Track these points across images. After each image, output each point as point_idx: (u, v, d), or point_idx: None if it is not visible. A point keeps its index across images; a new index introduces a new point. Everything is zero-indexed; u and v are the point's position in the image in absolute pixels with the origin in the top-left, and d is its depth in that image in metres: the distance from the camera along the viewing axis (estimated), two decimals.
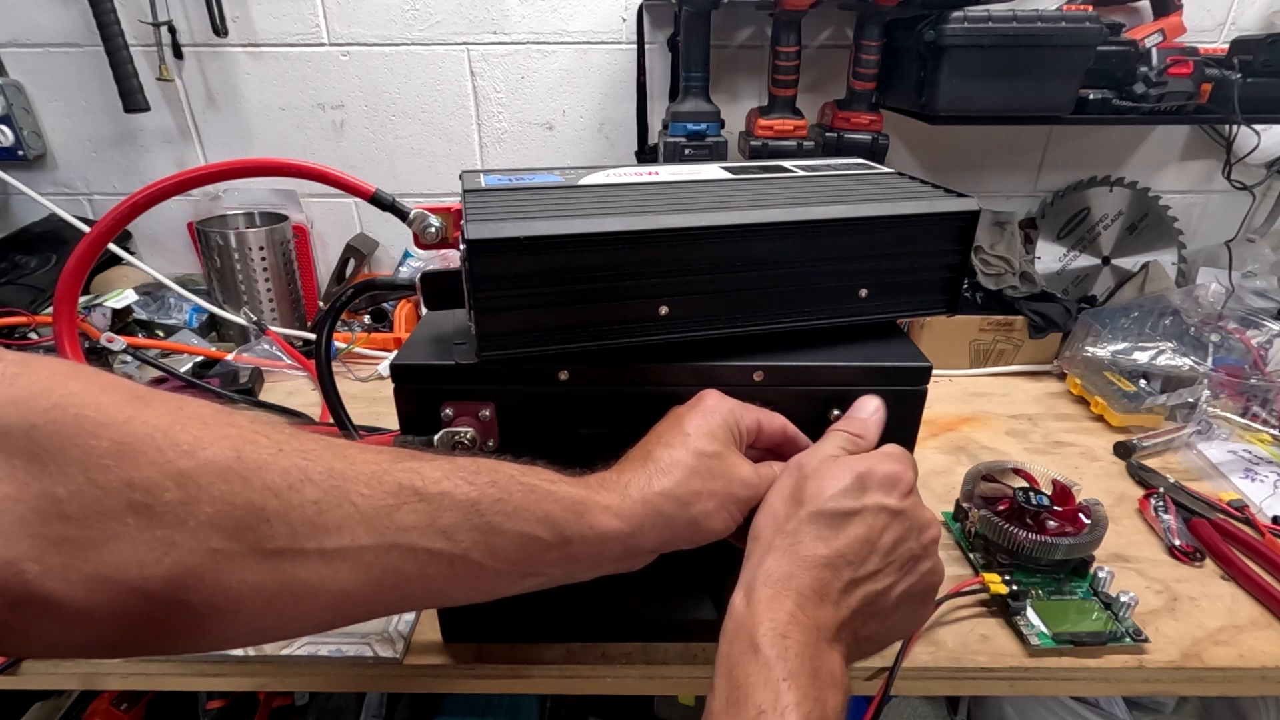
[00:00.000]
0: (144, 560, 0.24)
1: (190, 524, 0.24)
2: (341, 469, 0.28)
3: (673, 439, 0.36)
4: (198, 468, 0.25)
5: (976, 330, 0.89)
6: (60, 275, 0.41)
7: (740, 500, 0.36)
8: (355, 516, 0.28)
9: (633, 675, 0.49)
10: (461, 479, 0.31)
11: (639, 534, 0.34)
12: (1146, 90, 0.78)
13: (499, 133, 1.00)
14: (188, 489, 0.24)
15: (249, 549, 0.26)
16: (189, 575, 0.25)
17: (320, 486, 0.27)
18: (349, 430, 0.46)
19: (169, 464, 0.24)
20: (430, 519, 0.29)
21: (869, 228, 0.43)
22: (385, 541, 0.28)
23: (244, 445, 0.26)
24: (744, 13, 0.92)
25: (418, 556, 0.29)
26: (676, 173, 0.51)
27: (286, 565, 0.27)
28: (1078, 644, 0.49)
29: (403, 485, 0.29)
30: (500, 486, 0.31)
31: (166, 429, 0.25)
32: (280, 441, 0.27)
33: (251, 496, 0.26)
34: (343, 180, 0.43)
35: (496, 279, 0.38)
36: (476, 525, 0.30)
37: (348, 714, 0.89)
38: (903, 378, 0.42)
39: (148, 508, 0.24)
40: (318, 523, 0.27)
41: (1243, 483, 0.67)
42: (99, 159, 1.00)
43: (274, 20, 0.92)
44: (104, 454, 0.23)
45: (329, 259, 1.06)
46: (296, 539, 0.27)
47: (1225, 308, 0.87)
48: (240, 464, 0.26)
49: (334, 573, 0.28)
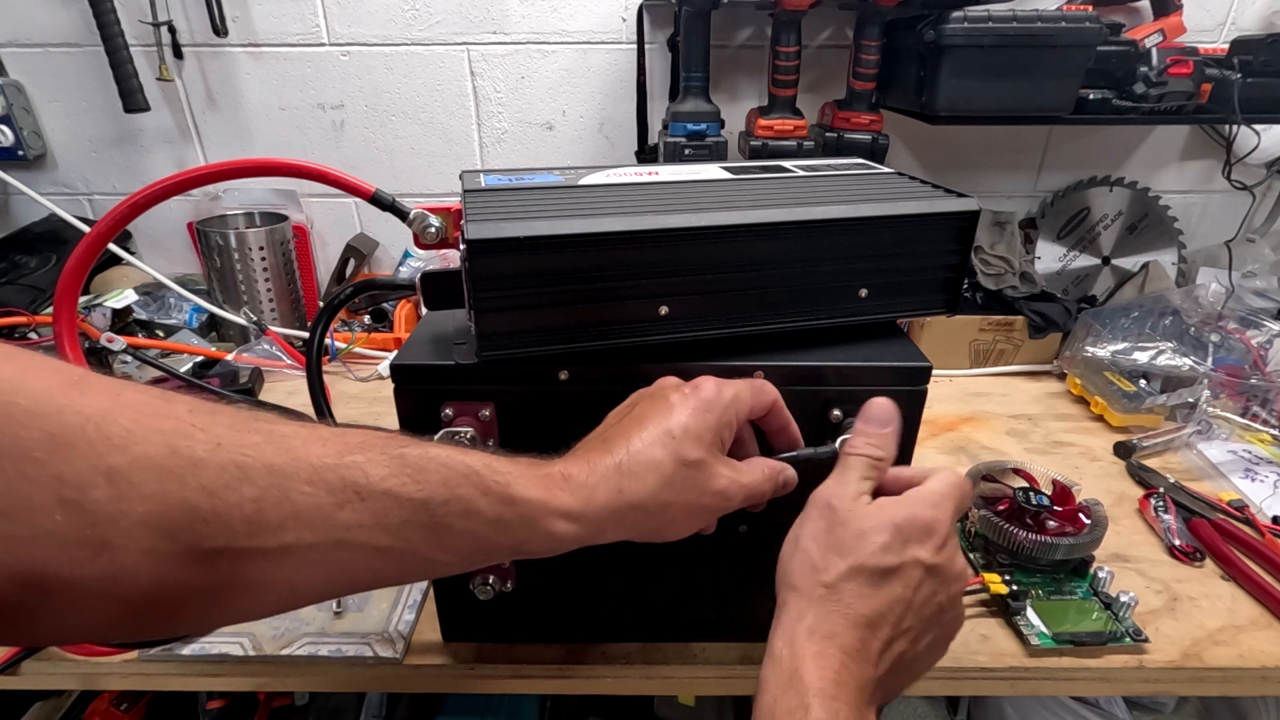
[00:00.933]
0: (76, 559, 0.23)
1: (122, 523, 0.24)
2: (283, 465, 0.27)
3: (655, 434, 0.34)
4: (129, 464, 0.24)
5: (976, 330, 0.89)
6: (60, 275, 0.41)
7: (711, 510, 0.36)
8: (296, 515, 0.27)
9: (633, 675, 0.49)
10: (408, 477, 0.29)
11: (598, 535, 0.33)
12: (1146, 90, 0.78)
13: (499, 133, 1.00)
14: (118, 486, 0.23)
15: (186, 549, 0.25)
16: (125, 574, 0.24)
17: (259, 485, 0.26)
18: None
19: (99, 459, 0.23)
20: (376, 517, 0.28)
21: (869, 228, 0.43)
22: (330, 539, 0.28)
23: (179, 440, 0.25)
24: (744, 13, 0.92)
25: (365, 553, 0.29)
26: (676, 173, 0.51)
27: (226, 564, 0.26)
28: (1078, 644, 0.49)
29: (346, 483, 0.28)
30: (451, 486, 0.30)
31: (99, 421, 0.24)
32: (219, 436, 0.26)
33: (186, 495, 0.25)
34: (343, 180, 0.43)
35: (496, 279, 0.38)
36: (425, 524, 0.30)
37: (348, 714, 0.89)
38: (903, 378, 0.42)
39: (77, 505, 0.23)
40: (257, 522, 0.26)
41: (1243, 483, 0.67)
42: (99, 159, 1.00)
43: (274, 20, 0.92)
44: (35, 446, 0.22)
45: (329, 259, 1.06)
46: (235, 538, 0.26)
47: (1225, 308, 0.87)
48: (174, 460, 0.25)
49: (278, 570, 0.27)
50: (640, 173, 0.51)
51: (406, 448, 0.30)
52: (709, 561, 0.48)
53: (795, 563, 0.35)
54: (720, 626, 0.50)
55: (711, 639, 0.50)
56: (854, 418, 0.42)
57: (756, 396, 0.38)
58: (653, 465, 0.34)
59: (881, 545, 0.33)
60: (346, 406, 0.82)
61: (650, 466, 0.33)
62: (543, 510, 0.32)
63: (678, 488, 0.34)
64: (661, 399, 0.36)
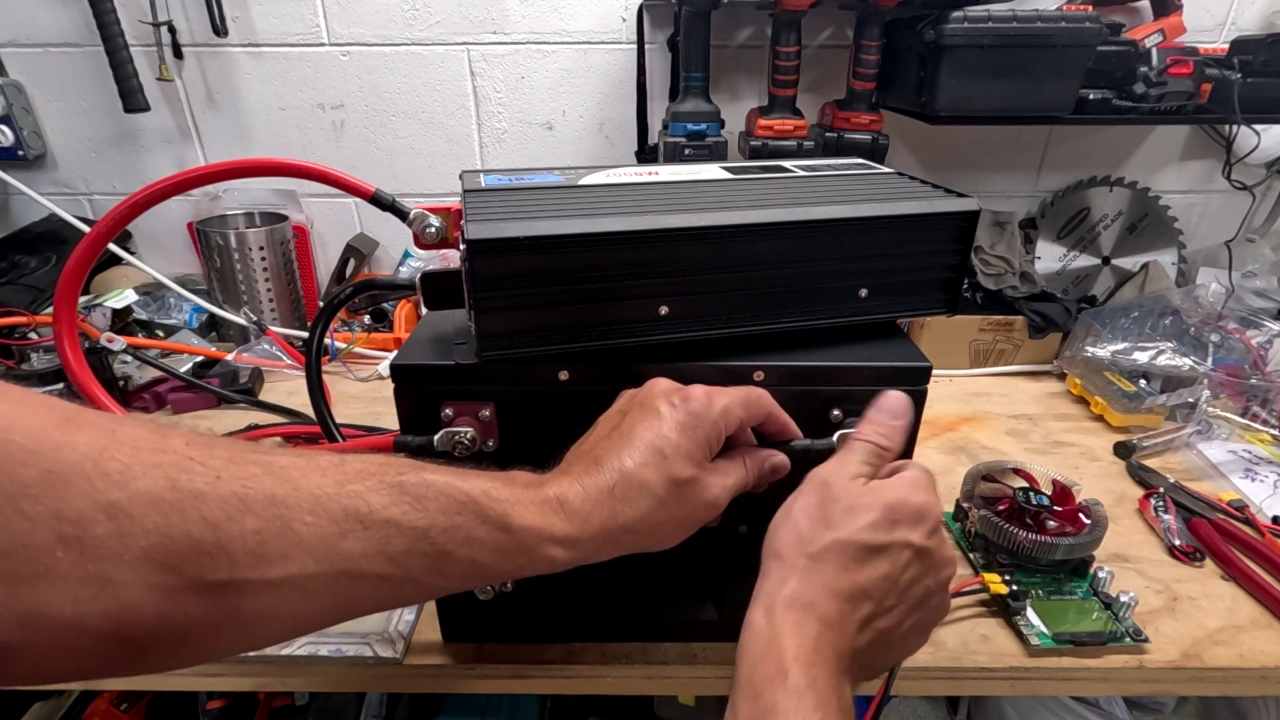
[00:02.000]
0: (78, 596, 0.23)
1: (125, 558, 0.24)
2: (284, 495, 0.27)
3: (646, 454, 0.34)
4: (129, 499, 0.24)
5: (976, 330, 0.89)
6: (60, 275, 0.41)
7: (703, 520, 0.36)
8: (300, 546, 0.27)
9: (633, 675, 0.49)
10: (409, 506, 0.30)
11: (592, 557, 0.34)
12: (1146, 90, 0.78)
13: (499, 133, 1.00)
14: (119, 521, 0.23)
15: (189, 582, 0.25)
16: (129, 611, 0.24)
17: (261, 516, 0.26)
18: (330, 431, 0.46)
19: (99, 495, 0.23)
20: (378, 546, 0.29)
21: (869, 228, 0.43)
22: (334, 569, 0.28)
23: (178, 474, 0.25)
24: (744, 13, 0.92)
25: (368, 581, 0.29)
26: (676, 173, 0.51)
27: (231, 597, 0.26)
28: (1078, 644, 0.49)
29: (348, 512, 0.28)
30: (450, 514, 0.30)
31: (96, 457, 0.24)
32: (218, 468, 0.26)
33: (189, 528, 0.25)
34: (343, 180, 0.43)
35: (496, 279, 0.38)
36: (427, 552, 0.30)
37: (348, 714, 0.89)
38: (903, 378, 0.42)
39: (78, 541, 0.23)
40: (260, 553, 0.26)
41: (1243, 483, 0.67)
42: (99, 159, 1.00)
43: (274, 20, 0.92)
44: (32, 483, 0.22)
45: (329, 259, 1.06)
46: (239, 570, 0.26)
47: (1225, 308, 0.87)
48: (175, 494, 0.25)
49: (282, 600, 0.27)
50: (640, 173, 0.51)
51: (404, 475, 0.30)
52: (710, 562, 0.48)
53: (783, 532, 0.35)
54: (720, 626, 0.50)
55: (711, 639, 0.50)
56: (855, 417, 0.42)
57: (749, 408, 0.37)
58: (645, 489, 0.34)
59: (870, 522, 0.34)
60: (346, 406, 0.82)
61: (643, 491, 0.34)
62: (539, 538, 0.32)
63: (670, 507, 0.34)
64: (651, 409, 0.35)
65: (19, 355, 0.77)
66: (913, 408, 0.39)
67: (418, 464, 0.31)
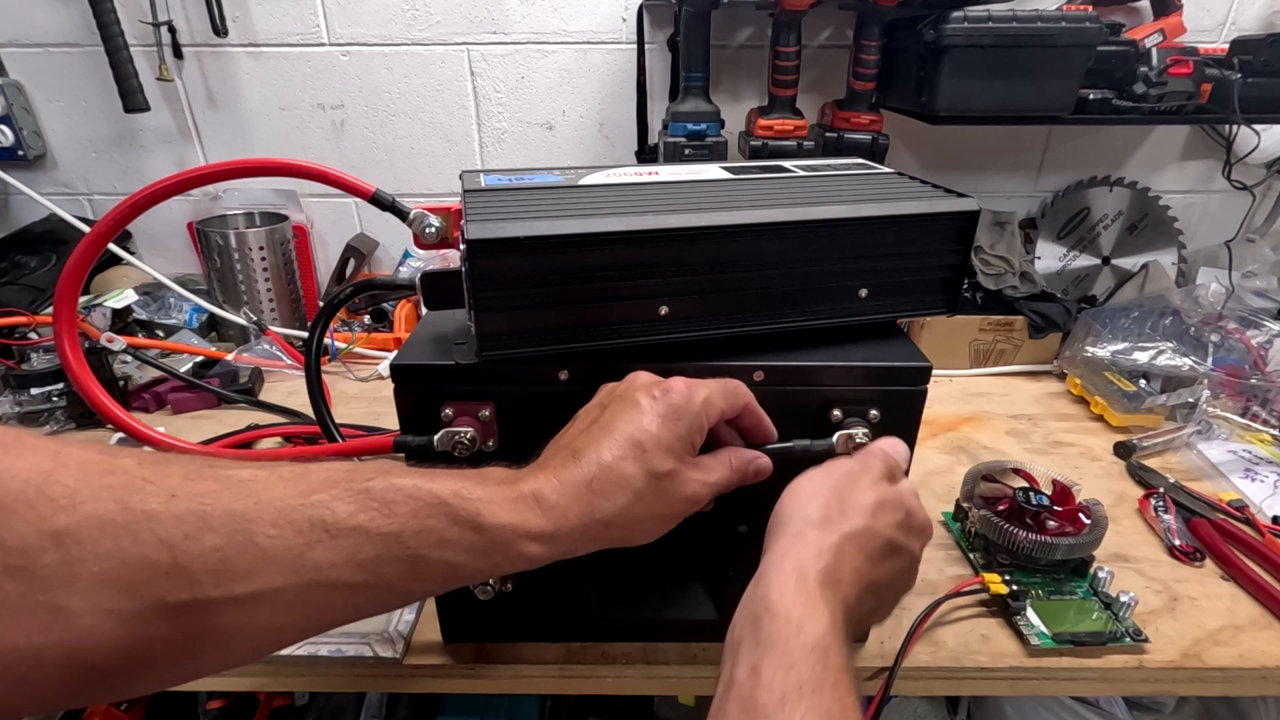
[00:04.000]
0: (29, 628, 0.22)
1: (77, 585, 0.23)
2: (244, 509, 0.26)
3: (625, 447, 0.33)
4: (77, 524, 0.23)
5: (976, 330, 0.89)
6: (60, 275, 0.41)
7: (681, 515, 0.36)
8: (265, 560, 0.26)
9: (633, 675, 0.49)
10: (376, 512, 0.29)
11: (570, 552, 0.33)
12: (1146, 90, 0.78)
13: (499, 133, 1.00)
14: (68, 548, 0.23)
15: (151, 606, 0.24)
16: (85, 639, 0.23)
17: (221, 532, 0.25)
18: (330, 431, 0.46)
19: (43, 522, 0.23)
20: (347, 555, 0.28)
21: (869, 228, 0.43)
22: (302, 581, 0.27)
23: (129, 495, 0.24)
24: (744, 13, 0.92)
25: (340, 590, 0.28)
26: (676, 173, 0.51)
27: (195, 617, 0.25)
28: (1078, 644, 0.49)
29: (313, 522, 0.27)
30: (420, 518, 0.29)
31: (40, 483, 0.23)
32: (172, 487, 0.25)
33: (143, 550, 0.24)
34: (343, 180, 0.43)
35: (496, 279, 0.38)
36: (399, 557, 0.29)
37: (348, 714, 0.89)
38: (903, 378, 0.42)
39: (25, 571, 0.22)
40: (222, 570, 0.25)
41: (1243, 483, 0.67)
42: (99, 159, 1.00)
43: (274, 20, 0.92)
44: None
45: (329, 259, 1.06)
46: (201, 590, 0.25)
47: (1225, 308, 0.87)
48: (126, 516, 0.24)
49: (252, 616, 0.26)
50: (640, 173, 0.51)
51: (371, 480, 0.30)
52: (710, 562, 0.48)
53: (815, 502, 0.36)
54: (721, 627, 0.50)
55: (711, 639, 0.50)
56: (855, 417, 0.42)
57: (728, 398, 0.37)
58: (624, 483, 0.33)
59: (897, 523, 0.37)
60: (346, 406, 0.82)
61: (621, 484, 0.33)
62: (514, 535, 0.31)
63: (649, 501, 0.34)
64: (631, 401, 0.35)
65: (19, 355, 0.77)
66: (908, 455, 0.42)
67: (386, 468, 0.31)
